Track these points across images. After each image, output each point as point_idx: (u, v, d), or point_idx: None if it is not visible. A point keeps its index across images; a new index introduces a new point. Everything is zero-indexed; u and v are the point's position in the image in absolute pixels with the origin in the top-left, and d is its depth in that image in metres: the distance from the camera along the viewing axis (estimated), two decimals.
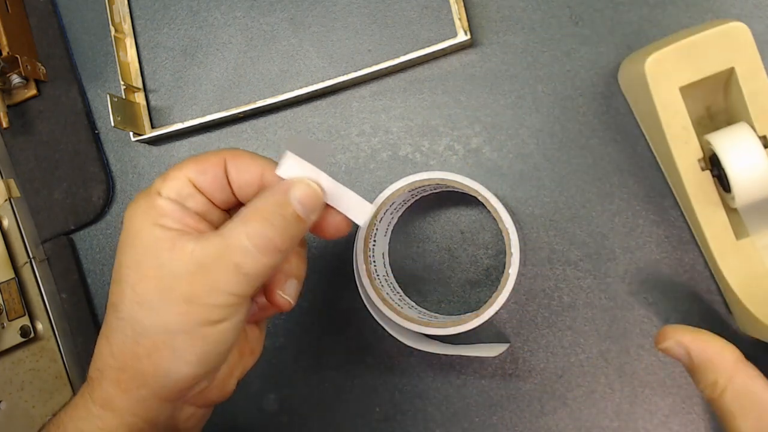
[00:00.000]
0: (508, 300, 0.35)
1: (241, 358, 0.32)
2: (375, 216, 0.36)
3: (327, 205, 0.30)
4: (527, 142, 0.39)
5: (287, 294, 0.30)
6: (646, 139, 0.38)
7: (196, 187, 0.29)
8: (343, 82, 0.41)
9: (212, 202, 0.29)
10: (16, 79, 0.44)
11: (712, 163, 0.33)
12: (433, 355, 0.40)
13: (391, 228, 0.40)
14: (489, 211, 0.37)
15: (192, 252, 0.26)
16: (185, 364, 0.27)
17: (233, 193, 0.30)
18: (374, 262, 0.38)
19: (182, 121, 0.43)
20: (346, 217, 0.30)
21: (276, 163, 0.29)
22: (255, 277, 0.27)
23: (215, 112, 0.42)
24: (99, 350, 0.28)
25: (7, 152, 0.45)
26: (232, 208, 0.31)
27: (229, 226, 0.27)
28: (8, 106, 0.44)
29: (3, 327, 0.42)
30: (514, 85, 0.40)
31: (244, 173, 0.29)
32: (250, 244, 0.26)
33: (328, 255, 0.42)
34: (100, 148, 0.45)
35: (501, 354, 0.38)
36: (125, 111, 0.42)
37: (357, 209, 0.30)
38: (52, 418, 0.30)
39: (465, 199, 0.39)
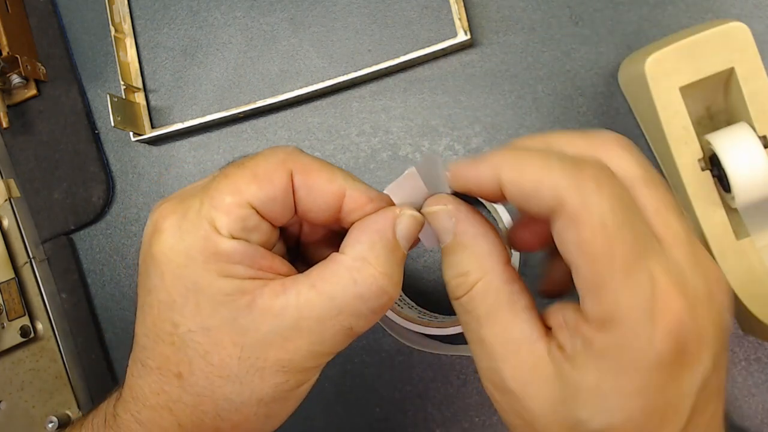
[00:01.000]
0: None
1: None
2: None
3: None
4: None
5: None
6: (646, 139, 0.38)
7: (260, 214, 0.22)
8: (343, 82, 0.40)
9: (272, 225, 0.23)
10: (16, 79, 0.44)
11: (712, 163, 0.33)
12: (433, 355, 0.40)
13: None
14: (489, 211, 0.36)
15: (282, 311, 0.22)
16: (273, 427, 0.24)
17: (295, 211, 0.24)
18: None
19: (182, 121, 0.43)
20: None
21: (354, 180, 0.23)
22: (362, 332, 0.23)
23: (215, 112, 0.42)
24: (157, 422, 0.23)
25: (7, 152, 0.45)
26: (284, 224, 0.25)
27: (327, 276, 0.22)
28: (8, 106, 0.44)
29: (3, 327, 0.42)
30: (514, 85, 0.40)
31: (319, 197, 0.23)
32: (366, 307, 0.22)
33: None
34: (100, 148, 0.45)
35: None
36: (125, 111, 0.42)
37: (432, 236, 0.26)
38: None
39: (465, 199, 0.39)
